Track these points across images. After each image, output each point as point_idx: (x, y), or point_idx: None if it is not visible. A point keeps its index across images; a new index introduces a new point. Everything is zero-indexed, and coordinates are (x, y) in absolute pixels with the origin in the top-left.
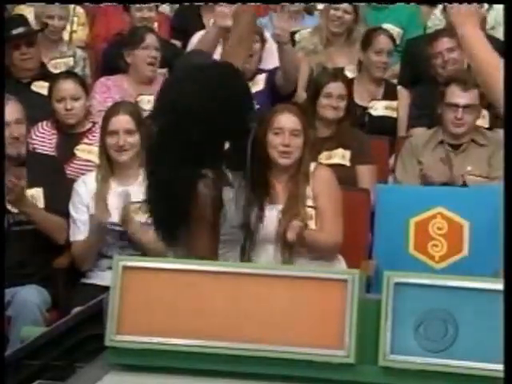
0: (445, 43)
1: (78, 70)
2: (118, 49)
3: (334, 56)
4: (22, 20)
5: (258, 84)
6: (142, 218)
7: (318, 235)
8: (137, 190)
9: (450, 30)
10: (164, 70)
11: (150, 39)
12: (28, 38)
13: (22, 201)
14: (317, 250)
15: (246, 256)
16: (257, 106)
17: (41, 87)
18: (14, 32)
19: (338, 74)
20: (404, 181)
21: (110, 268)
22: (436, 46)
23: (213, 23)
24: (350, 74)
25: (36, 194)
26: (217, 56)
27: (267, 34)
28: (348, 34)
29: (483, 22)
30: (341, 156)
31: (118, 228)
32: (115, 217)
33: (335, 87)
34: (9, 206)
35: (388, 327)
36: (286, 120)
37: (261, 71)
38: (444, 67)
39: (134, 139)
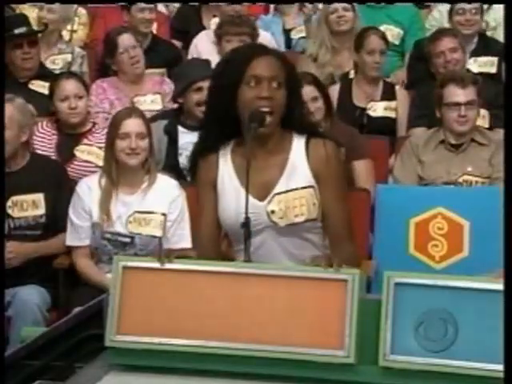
0: (447, 43)
1: (75, 67)
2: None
3: (342, 63)
4: (24, 20)
5: None
6: (146, 230)
7: None
8: (140, 198)
9: (452, 30)
10: (163, 70)
11: (123, 41)
12: (30, 37)
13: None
14: None
15: (246, 256)
16: None
17: (38, 86)
18: (17, 31)
19: (306, 77)
20: (402, 178)
21: (108, 272)
22: (438, 45)
23: None
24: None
25: (37, 200)
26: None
27: (263, 33)
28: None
29: None
30: None
31: (120, 238)
32: (119, 225)
33: (307, 92)
34: (9, 211)
35: (388, 327)
36: None
37: None
38: (445, 67)
39: (145, 143)
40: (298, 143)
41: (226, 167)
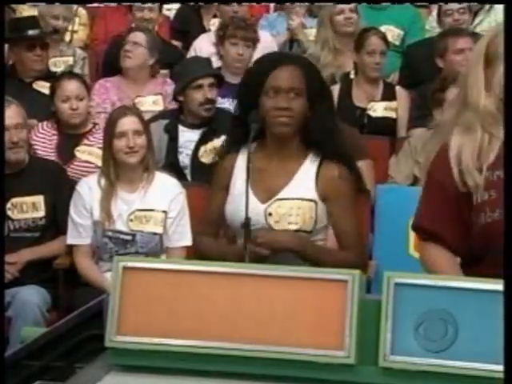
0: (468, 42)
1: (76, 69)
2: (116, 50)
3: (343, 64)
4: (37, 22)
5: None
6: (147, 227)
7: None
8: (141, 196)
9: (467, 30)
10: (166, 71)
11: (136, 38)
12: (43, 40)
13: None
14: None
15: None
16: None
17: (42, 86)
18: (31, 32)
19: None
20: (396, 178)
21: (108, 270)
22: (458, 42)
23: None
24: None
25: (37, 202)
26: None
27: (265, 34)
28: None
29: None
30: None
31: (122, 236)
32: (120, 224)
33: None
34: (9, 213)
35: (388, 328)
36: None
37: None
38: (462, 65)
39: (142, 140)
40: (312, 162)
41: (242, 166)
